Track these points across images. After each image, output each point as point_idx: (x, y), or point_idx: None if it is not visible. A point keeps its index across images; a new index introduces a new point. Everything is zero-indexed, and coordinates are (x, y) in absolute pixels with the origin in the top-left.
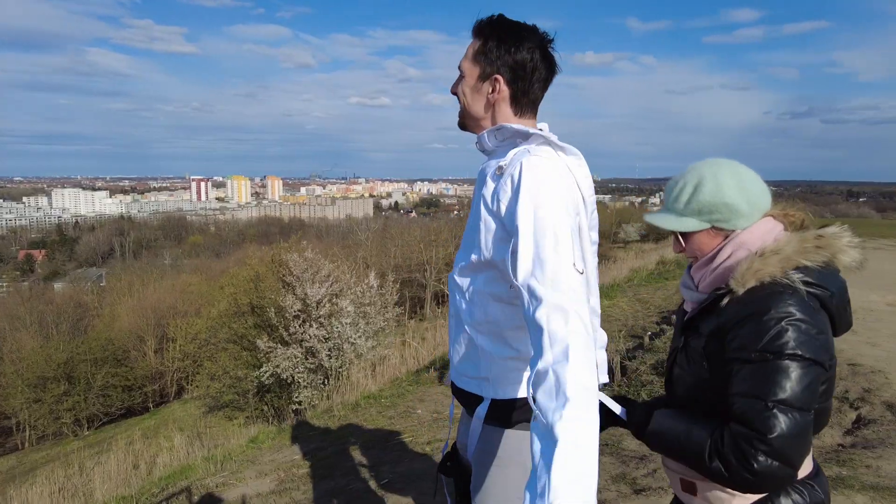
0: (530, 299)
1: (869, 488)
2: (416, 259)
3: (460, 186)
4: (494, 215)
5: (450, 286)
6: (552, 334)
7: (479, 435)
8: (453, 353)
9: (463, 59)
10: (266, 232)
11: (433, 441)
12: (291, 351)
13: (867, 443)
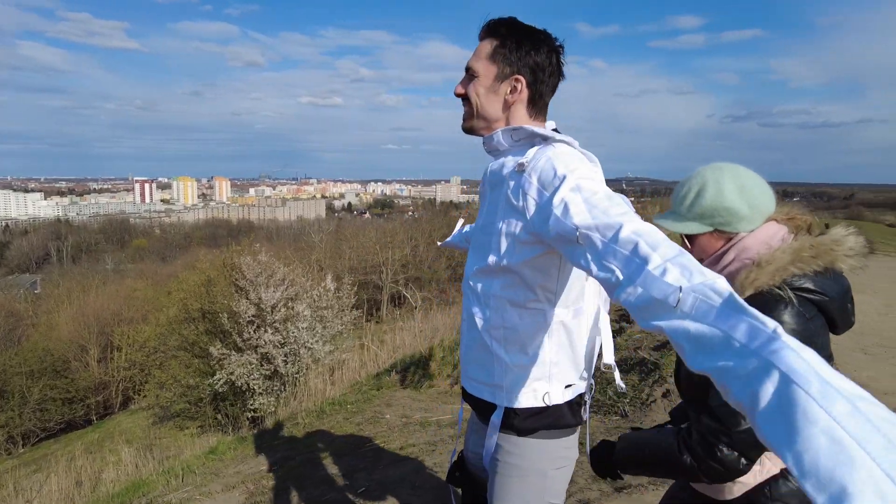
0: (600, 238)
1: None
2: (371, 261)
3: (414, 187)
4: (519, 213)
5: (464, 290)
6: (655, 240)
7: (494, 443)
8: (466, 359)
9: (474, 59)
10: (214, 234)
11: (406, 446)
12: (246, 357)
13: None
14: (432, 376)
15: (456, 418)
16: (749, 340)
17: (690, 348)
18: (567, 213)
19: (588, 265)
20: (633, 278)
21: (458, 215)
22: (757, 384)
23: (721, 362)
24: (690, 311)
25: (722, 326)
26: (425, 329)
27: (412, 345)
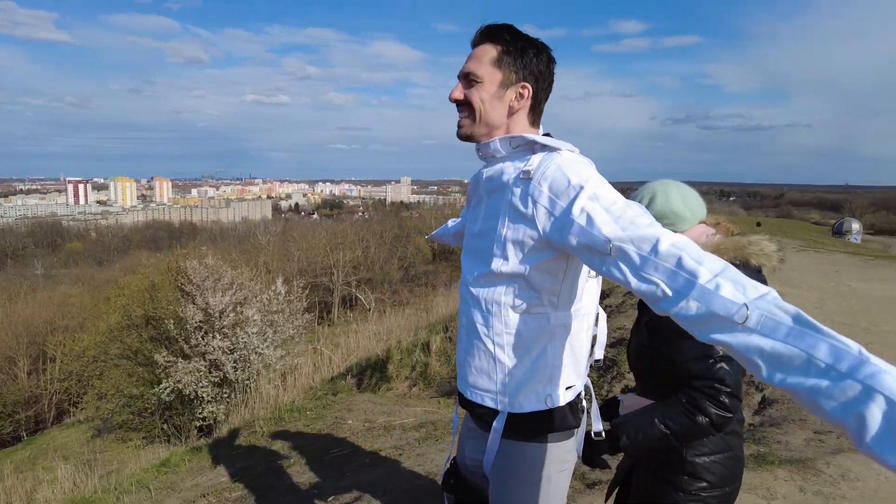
0: (636, 251)
1: (786, 462)
2: (321, 263)
3: (364, 188)
4: (527, 220)
5: (462, 296)
6: (698, 255)
7: (497, 450)
8: (465, 367)
9: (475, 64)
10: (155, 237)
11: (372, 451)
12: (194, 364)
13: (773, 420)
14: (390, 379)
15: (421, 420)
16: (835, 361)
17: (766, 365)
18: (592, 223)
19: (624, 277)
20: (685, 292)
21: (410, 215)
22: (863, 408)
23: (809, 381)
24: (756, 327)
25: (800, 346)
26: (380, 331)
27: (367, 347)
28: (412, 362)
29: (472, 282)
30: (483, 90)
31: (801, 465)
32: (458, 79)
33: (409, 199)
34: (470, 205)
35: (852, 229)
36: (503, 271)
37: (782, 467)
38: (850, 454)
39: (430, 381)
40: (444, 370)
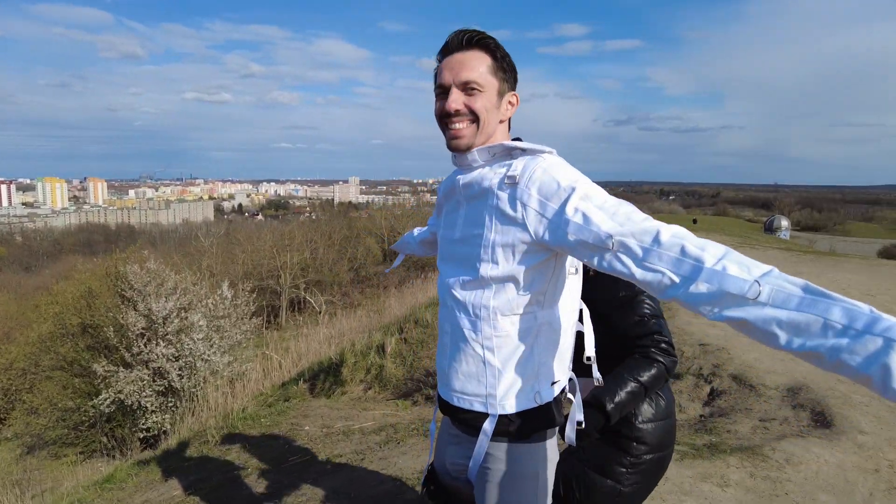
0: (638, 243)
1: (736, 450)
2: (268, 265)
3: (311, 188)
4: (517, 223)
5: (444, 301)
6: (698, 242)
7: (484, 452)
8: (451, 373)
9: (471, 73)
10: (89, 240)
11: (332, 457)
12: (136, 373)
13: (722, 411)
14: (345, 383)
15: (380, 424)
16: (851, 321)
17: (785, 333)
18: (589, 221)
19: (628, 269)
20: (694, 277)
21: (359, 216)
22: (886, 358)
23: (829, 342)
24: (769, 301)
25: (815, 311)
26: (331, 334)
27: (318, 351)
28: (367, 365)
29: (457, 288)
30: (485, 98)
31: (751, 452)
32: (448, 88)
33: (357, 200)
34: (442, 211)
35: (782, 226)
36: (493, 276)
37: (733, 455)
38: (791, 440)
39: (386, 383)
40: (399, 372)
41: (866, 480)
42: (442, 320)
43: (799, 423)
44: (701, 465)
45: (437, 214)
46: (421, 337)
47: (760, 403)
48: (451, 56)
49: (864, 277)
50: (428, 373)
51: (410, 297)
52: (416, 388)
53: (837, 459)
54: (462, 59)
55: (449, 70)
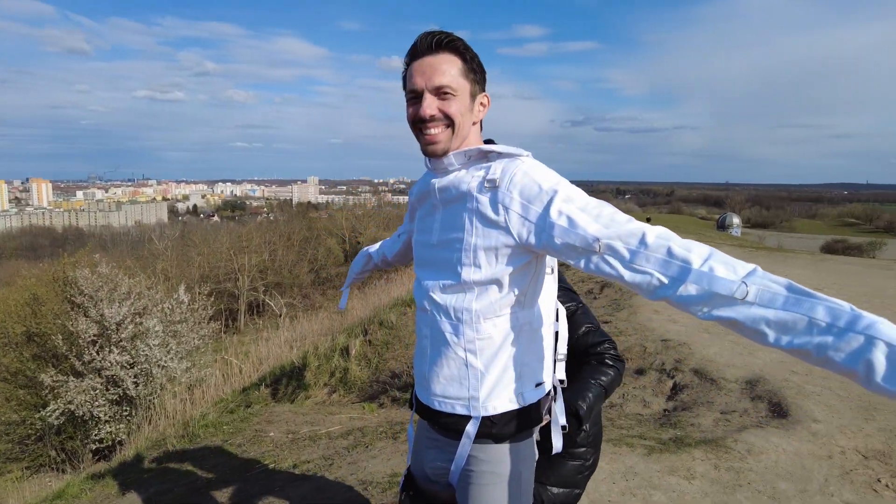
0: (624, 245)
1: (700, 443)
2: (225, 268)
3: (268, 188)
4: (500, 227)
5: (422, 306)
6: (683, 243)
7: (466, 455)
8: (431, 377)
9: (443, 77)
10: (33, 244)
11: (300, 464)
12: (87, 382)
13: (685, 405)
14: (308, 386)
15: (348, 428)
16: (834, 320)
17: (773, 332)
18: (575, 224)
19: (616, 271)
20: (682, 278)
21: (319, 216)
22: (868, 355)
23: (815, 339)
24: (756, 300)
25: (800, 311)
26: (292, 337)
27: (280, 355)
28: (331, 368)
29: (436, 291)
30: (459, 102)
31: (714, 445)
32: (420, 93)
33: (317, 200)
34: (415, 216)
35: (733, 223)
36: (475, 279)
37: (698, 448)
38: (752, 430)
39: (351, 386)
40: (364, 374)
41: (821, 467)
42: (420, 324)
43: (758, 414)
44: (668, 458)
45: (410, 219)
46: (385, 338)
47: (721, 396)
48: (421, 60)
49: (811, 272)
50: (394, 374)
51: (374, 298)
52: (382, 390)
53: (794, 448)
54: (432, 62)
55: (420, 75)
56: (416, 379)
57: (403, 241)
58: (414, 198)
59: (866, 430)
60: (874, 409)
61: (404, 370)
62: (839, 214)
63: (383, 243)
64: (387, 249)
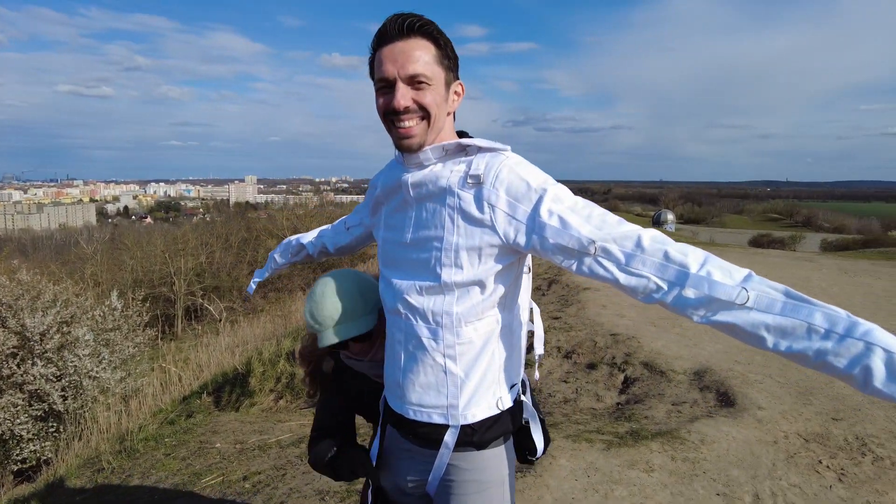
0: (619, 248)
1: (656, 435)
2: (159, 272)
3: (204, 187)
4: (485, 225)
5: (394, 309)
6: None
7: (445, 465)
8: (406, 385)
9: (416, 65)
10: None
11: (251, 475)
12: (6, 399)
13: (637, 398)
14: (253, 394)
15: (299, 436)
16: (832, 326)
17: (772, 336)
18: (568, 225)
19: (610, 274)
20: (680, 283)
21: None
22: (867, 360)
23: (815, 345)
24: (754, 306)
25: (799, 316)
26: (234, 342)
27: (222, 361)
28: (277, 374)
29: (412, 294)
30: (434, 92)
31: (669, 436)
32: (392, 82)
33: (255, 199)
34: (379, 211)
35: (668, 220)
36: (456, 281)
37: (654, 440)
38: (703, 420)
39: (299, 392)
40: None
41: (768, 452)
42: (392, 328)
43: (707, 404)
44: (627, 452)
45: (372, 213)
46: None
47: (671, 388)
48: (392, 45)
49: (745, 265)
50: None
51: None
52: None
53: (743, 435)
54: (404, 48)
55: (391, 62)
56: (388, 386)
57: (355, 235)
58: (379, 191)
59: (805, 414)
60: (811, 395)
61: None
62: (763, 210)
63: (321, 233)
64: (327, 240)
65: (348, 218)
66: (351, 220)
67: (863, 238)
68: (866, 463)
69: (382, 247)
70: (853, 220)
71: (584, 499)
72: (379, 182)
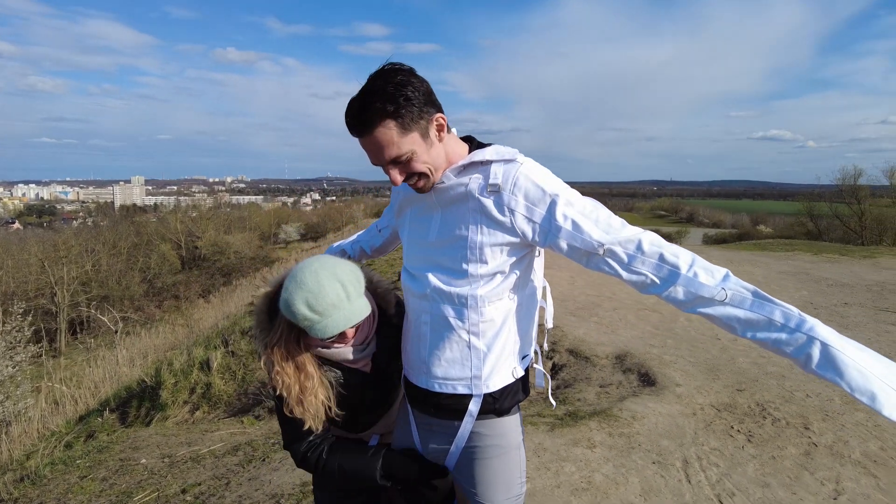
0: (623, 250)
1: (592, 415)
2: (36, 282)
3: (84, 189)
4: (505, 227)
5: (421, 294)
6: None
7: (468, 433)
8: (432, 361)
9: (392, 150)
10: None
11: (190, 488)
12: None
13: (567, 383)
14: (166, 406)
15: (233, 444)
16: (786, 321)
17: (741, 327)
18: (580, 228)
19: (615, 271)
20: (672, 280)
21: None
22: (809, 349)
23: (773, 335)
24: (729, 302)
25: (762, 312)
26: (132, 355)
27: (122, 375)
28: (190, 384)
29: (440, 283)
30: (417, 157)
31: (604, 415)
32: (383, 167)
33: (144, 202)
34: (402, 213)
35: None
36: (481, 273)
37: (592, 419)
38: (631, 399)
39: (216, 401)
40: (230, 388)
41: (690, 423)
42: (418, 311)
43: (630, 384)
44: (569, 432)
45: (397, 215)
46: (250, 348)
47: (597, 372)
48: (361, 140)
49: None
50: (264, 385)
51: (224, 306)
52: (254, 402)
53: (667, 410)
54: (369, 144)
55: (370, 153)
56: (413, 365)
57: (386, 236)
58: (403, 196)
59: (715, 388)
60: (718, 371)
61: None
62: (651, 208)
63: (358, 237)
64: (364, 244)
65: (379, 221)
66: (381, 223)
67: (738, 232)
68: (767, 425)
69: (408, 245)
70: (728, 216)
71: (538, 477)
72: (401, 188)
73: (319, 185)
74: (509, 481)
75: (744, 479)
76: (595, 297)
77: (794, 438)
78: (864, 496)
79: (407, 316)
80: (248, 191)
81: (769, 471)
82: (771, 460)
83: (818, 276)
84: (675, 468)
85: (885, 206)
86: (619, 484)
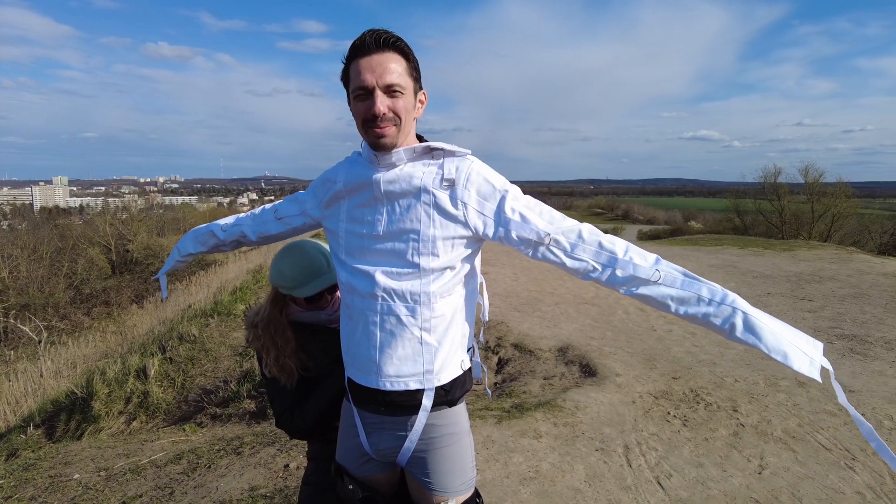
0: (566, 239)
1: (538, 406)
2: None
3: None
4: (458, 220)
5: (370, 293)
6: (608, 238)
7: (422, 426)
8: (384, 360)
9: (391, 76)
10: None
11: (130, 500)
12: None
13: (512, 376)
14: (99, 418)
15: (174, 452)
16: (712, 297)
17: (674, 304)
18: (527, 220)
19: (559, 259)
20: (611, 265)
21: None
22: (733, 319)
23: (702, 310)
24: (664, 281)
25: (692, 290)
26: (58, 366)
27: (47, 388)
28: (126, 394)
29: (389, 279)
30: (405, 100)
31: (549, 406)
32: (371, 90)
33: (67, 204)
34: (337, 206)
35: None
36: (433, 266)
37: (537, 411)
38: (574, 390)
39: (155, 410)
40: (169, 396)
41: (629, 411)
42: (364, 311)
43: (573, 376)
44: (516, 424)
45: (326, 206)
46: (189, 354)
47: (540, 365)
48: (369, 57)
49: None
50: (205, 391)
51: (160, 311)
52: (195, 409)
53: (608, 399)
54: (381, 60)
55: (369, 71)
56: (360, 365)
57: (292, 225)
58: (342, 187)
59: (652, 377)
60: (654, 360)
61: (217, 385)
62: (589, 206)
63: (238, 220)
64: (247, 229)
65: (280, 207)
66: (285, 211)
67: (670, 228)
68: (700, 409)
69: (348, 239)
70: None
71: (487, 469)
72: (340, 177)
73: (257, 184)
74: (464, 466)
75: (680, 460)
76: (537, 293)
77: (725, 420)
78: (784, 469)
79: (349, 315)
80: (182, 191)
81: (702, 452)
82: (704, 442)
83: (744, 268)
84: (617, 454)
85: (801, 203)
86: (564, 472)
